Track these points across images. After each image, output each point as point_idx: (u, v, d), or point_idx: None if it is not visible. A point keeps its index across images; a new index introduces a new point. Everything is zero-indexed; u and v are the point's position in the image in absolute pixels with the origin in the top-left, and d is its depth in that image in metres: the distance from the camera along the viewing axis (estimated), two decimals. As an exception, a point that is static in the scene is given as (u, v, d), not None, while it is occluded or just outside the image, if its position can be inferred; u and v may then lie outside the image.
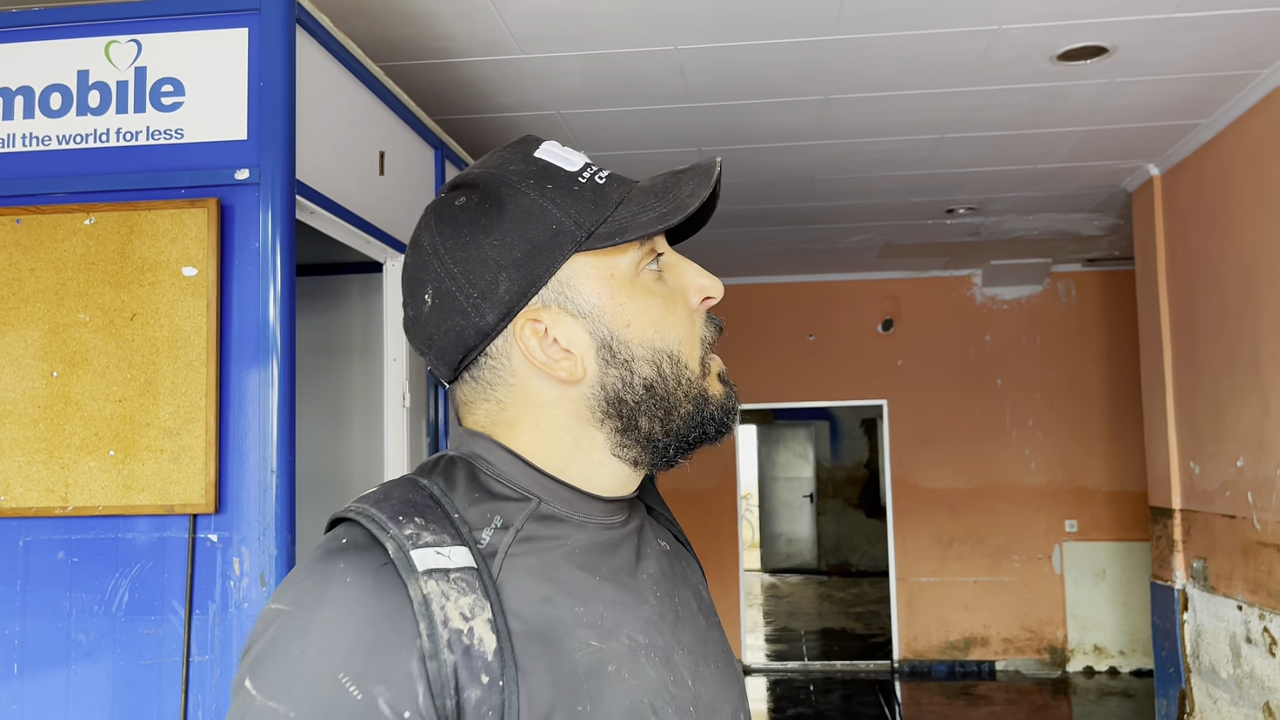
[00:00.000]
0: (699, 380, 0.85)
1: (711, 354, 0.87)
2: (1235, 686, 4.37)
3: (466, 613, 0.71)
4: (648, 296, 0.83)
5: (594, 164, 0.85)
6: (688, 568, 0.95)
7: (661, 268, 0.85)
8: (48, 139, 2.13)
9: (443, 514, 0.76)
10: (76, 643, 2.03)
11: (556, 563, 0.79)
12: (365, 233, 2.52)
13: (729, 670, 0.89)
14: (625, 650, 0.78)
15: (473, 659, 0.70)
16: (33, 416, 2.04)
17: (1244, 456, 4.27)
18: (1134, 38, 3.52)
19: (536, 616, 0.75)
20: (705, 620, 0.90)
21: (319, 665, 0.67)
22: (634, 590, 0.83)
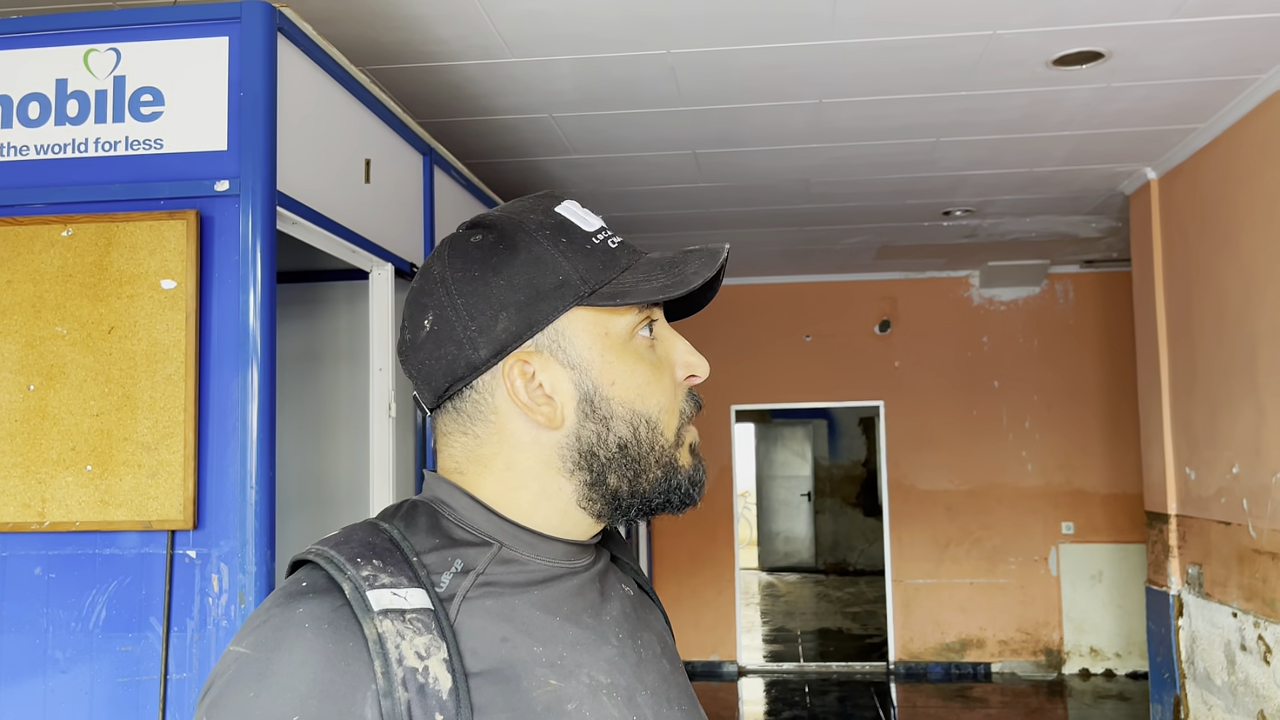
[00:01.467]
0: (671, 449, 0.86)
1: (688, 426, 0.89)
2: (1230, 694, 4.36)
3: (422, 652, 0.72)
4: (636, 361, 0.85)
5: (609, 229, 0.88)
6: (651, 614, 0.95)
7: (655, 338, 0.87)
8: (25, 149, 2.10)
9: (401, 557, 0.78)
10: (53, 659, 2.00)
11: (516, 605, 0.80)
12: (350, 242, 2.49)
13: (693, 714, 0.89)
14: (585, 689, 0.78)
15: (427, 697, 0.71)
16: (9, 430, 2.02)
17: (1240, 463, 4.24)
18: (1130, 43, 3.49)
19: (495, 656, 0.76)
20: (669, 664, 0.90)
21: (273, 709, 0.69)
22: (596, 631, 0.83)
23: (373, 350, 2.73)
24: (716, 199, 5.44)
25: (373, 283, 2.74)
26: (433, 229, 3.12)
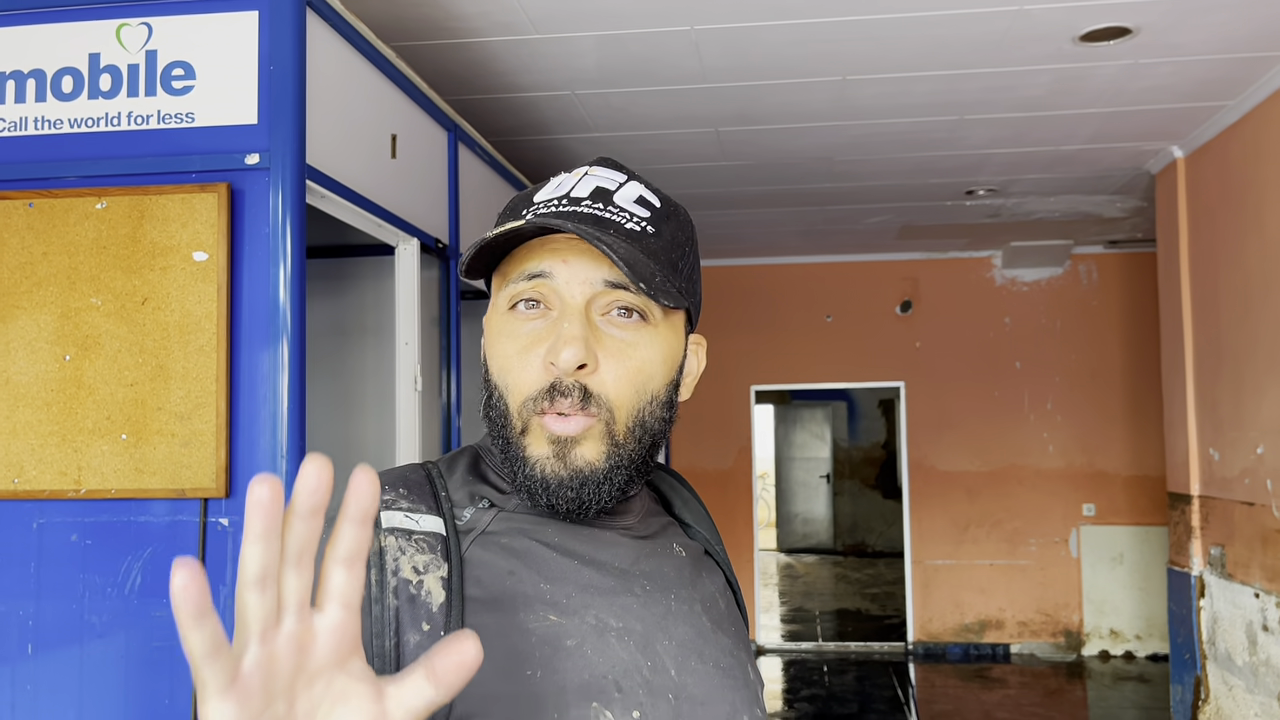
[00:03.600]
0: (517, 435, 0.83)
1: (547, 418, 0.82)
2: (1251, 674, 4.35)
3: (419, 568, 0.78)
4: (501, 334, 0.85)
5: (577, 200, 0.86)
6: (707, 577, 0.95)
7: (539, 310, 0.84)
8: (59, 122, 2.13)
9: (429, 490, 0.84)
10: (90, 624, 2.05)
11: (532, 545, 0.83)
12: (377, 217, 2.52)
13: (735, 675, 0.88)
14: (590, 629, 0.81)
15: (416, 607, 0.76)
16: (46, 400, 2.06)
17: (1264, 444, 4.22)
18: (1158, 18, 3.46)
19: (498, 587, 0.80)
20: (713, 624, 0.90)
21: None
22: (619, 578, 0.85)
23: (399, 324, 2.75)
24: (738, 178, 5.43)
25: (399, 258, 2.76)
26: (457, 205, 3.13)
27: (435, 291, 3.00)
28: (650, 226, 0.87)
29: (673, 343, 0.89)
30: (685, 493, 1.02)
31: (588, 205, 0.86)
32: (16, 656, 2.06)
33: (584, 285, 0.83)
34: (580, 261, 0.83)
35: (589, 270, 0.83)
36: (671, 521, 0.97)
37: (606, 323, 0.84)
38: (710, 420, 7.89)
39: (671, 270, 0.87)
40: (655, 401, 0.86)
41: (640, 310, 0.84)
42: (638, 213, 0.87)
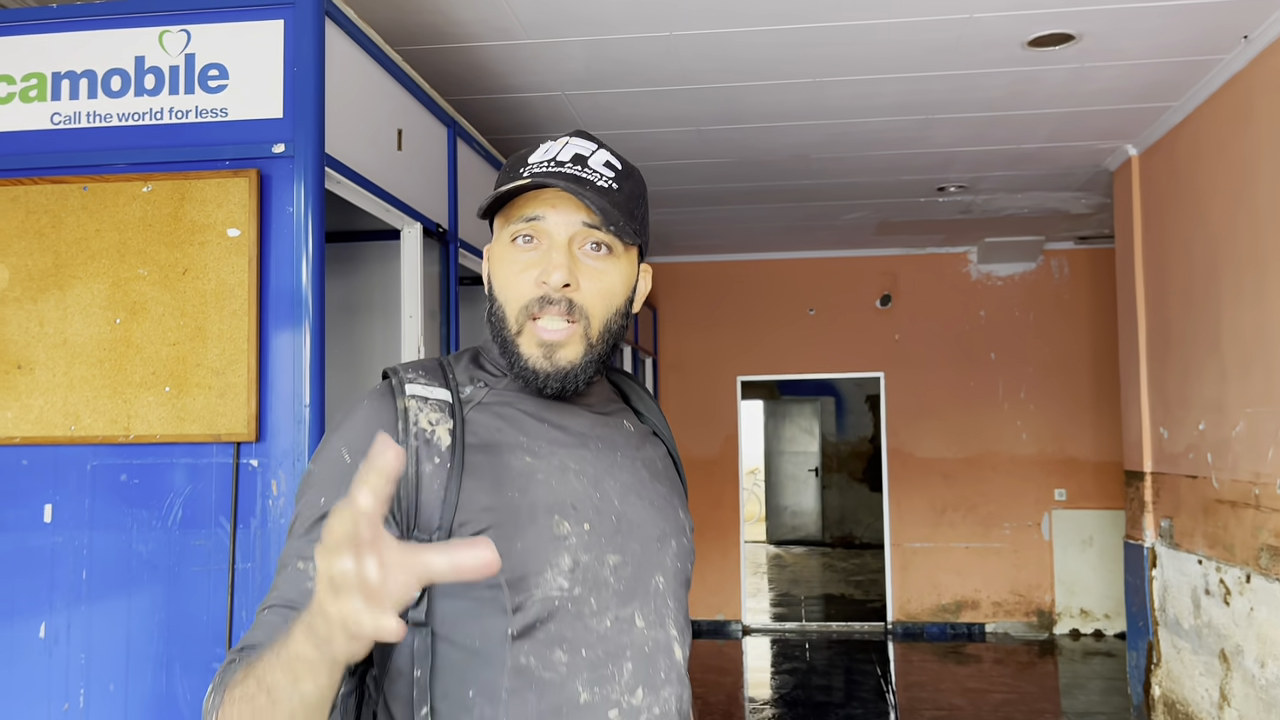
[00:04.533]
0: (514, 335, 1.16)
1: (536, 323, 1.14)
2: (1196, 636, 4.67)
3: (432, 421, 1.12)
4: (504, 262, 1.18)
5: (562, 163, 1.17)
6: (650, 447, 1.28)
7: (534, 242, 1.17)
8: (109, 116, 2.43)
9: (441, 373, 1.17)
10: (137, 553, 2.35)
11: (514, 412, 1.17)
12: (385, 202, 2.82)
13: (667, 513, 1.22)
14: (555, 468, 1.14)
15: (430, 447, 1.10)
16: (99, 358, 2.36)
17: (1205, 420, 4.54)
18: (1099, 25, 3.78)
19: (489, 437, 1.13)
20: (651, 476, 1.23)
21: (334, 442, 1.13)
22: (577, 437, 1.18)
23: (404, 300, 3.06)
24: (721, 175, 5.74)
25: (404, 240, 3.07)
26: (456, 194, 3.44)
27: (436, 272, 3.31)
28: (615, 184, 1.19)
29: (630, 270, 1.22)
30: (641, 391, 1.36)
31: (570, 167, 1.18)
32: (73, 581, 2.36)
33: (567, 226, 1.16)
34: (565, 208, 1.16)
35: (571, 215, 1.16)
36: (626, 409, 1.31)
37: (583, 254, 1.17)
38: (698, 410, 8.20)
39: (630, 216, 1.19)
40: (617, 313, 1.20)
41: (608, 245, 1.18)
42: (606, 173, 1.19)
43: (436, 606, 1.08)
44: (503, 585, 1.07)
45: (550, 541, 1.09)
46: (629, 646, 1.12)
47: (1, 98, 2.47)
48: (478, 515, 1.08)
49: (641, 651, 1.13)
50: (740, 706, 6.15)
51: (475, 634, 1.08)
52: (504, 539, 1.07)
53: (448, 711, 1.07)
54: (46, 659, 2.36)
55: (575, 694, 1.08)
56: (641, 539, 1.17)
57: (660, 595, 1.17)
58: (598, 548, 1.12)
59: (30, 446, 2.39)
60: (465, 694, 1.07)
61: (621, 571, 1.13)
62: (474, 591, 1.07)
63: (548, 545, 1.09)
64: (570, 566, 1.10)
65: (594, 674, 1.09)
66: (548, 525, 1.10)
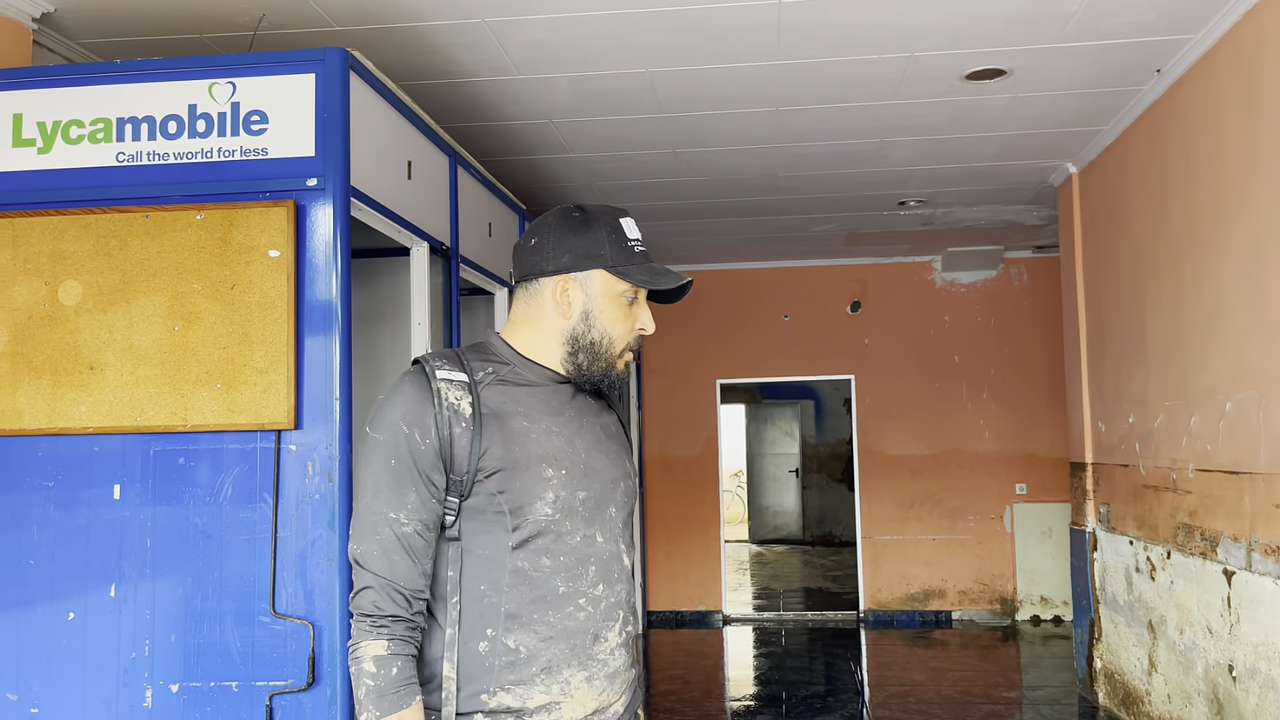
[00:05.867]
0: (615, 358, 1.66)
1: (628, 353, 1.67)
2: (1129, 610, 5.14)
3: (457, 396, 1.56)
4: (617, 308, 1.65)
5: (642, 242, 1.68)
6: (606, 415, 1.76)
7: (635, 303, 1.66)
8: (167, 155, 2.87)
9: (459, 360, 1.62)
10: (194, 524, 2.78)
11: (514, 390, 1.62)
12: (397, 224, 3.26)
13: (618, 462, 1.70)
14: (542, 430, 1.60)
15: (459, 416, 1.55)
16: (160, 359, 2.79)
17: (1134, 414, 5.02)
18: (1027, 61, 4.25)
19: (498, 406, 1.59)
20: (606, 437, 1.71)
21: (392, 416, 1.56)
22: (556, 408, 1.64)
23: (413, 310, 3.50)
24: (696, 191, 6.21)
25: (413, 257, 3.51)
26: (457, 216, 3.89)
27: (440, 284, 3.76)
28: None
29: None
30: None
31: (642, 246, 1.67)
32: (139, 549, 2.79)
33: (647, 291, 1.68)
34: None
35: None
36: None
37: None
38: (680, 412, 8.66)
39: None
40: None
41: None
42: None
43: (463, 526, 1.54)
44: (506, 512, 1.54)
45: (540, 482, 1.56)
46: (592, 556, 1.61)
47: (74, 139, 2.91)
48: (492, 463, 1.55)
49: (601, 559, 1.62)
50: (720, 686, 6.60)
51: (486, 544, 1.55)
52: (509, 480, 1.55)
53: (469, 599, 1.54)
54: (117, 615, 2.79)
55: (555, 587, 1.57)
56: (600, 481, 1.64)
57: (612, 520, 1.65)
58: (572, 486, 1.59)
59: (101, 436, 2.82)
60: (478, 587, 1.54)
61: (587, 503, 1.61)
62: (487, 515, 1.54)
63: (538, 484, 1.56)
64: (553, 500, 1.56)
65: (569, 574, 1.58)
66: (538, 470, 1.56)
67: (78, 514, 2.82)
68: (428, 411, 1.53)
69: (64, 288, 2.85)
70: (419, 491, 1.53)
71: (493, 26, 3.79)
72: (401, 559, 1.51)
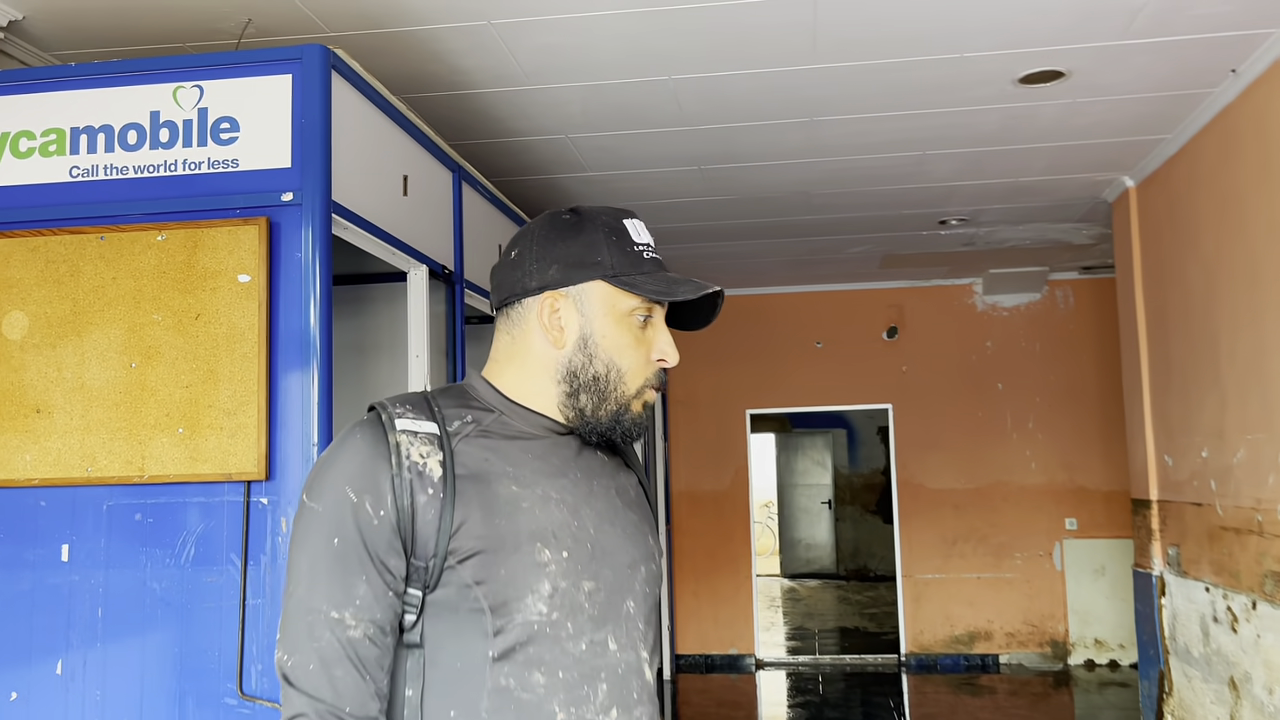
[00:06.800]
0: (629, 397, 1.27)
1: (648, 390, 1.28)
2: (1205, 664, 4.66)
3: (424, 454, 1.18)
4: (625, 331, 1.26)
5: (652, 248, 1.29)
6: (623, 476, 1.36)
7: (650, 325, 1.28)
8: (126, 169, 2.54)
9: (427, 407, 1.23)
10: (151, 590, 2.42)
11: (501, 444, 1.24)
12: (391, 245, 2.91)
13: (637, 539, 1.30)
14: (538, 497, 1.21)
15: (423, 479, 1.17)
16: (115, 401, 2.45)
17: (1208, 447, 4.57)
18: (1088, 62, 3.86)
19: (477, 467, 1.20)
20: (624, 505, 1.31)
21: (336, 480, 1.17)
22: (558, 468, 1.25)
23: (410, 339, 3.15)
24: (723, 212, 5.84)
25: (410, 282, 3.16)
26: (462, 237, 3.54)
27: (441, 311, 3.40)
28: None
29: None
30: None
31: (654, 252, 1.29)
32: (89, 619, 2.43)
33: (666, 308, 1.30)
34: None
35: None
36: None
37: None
38: (707, 443, 8.25)
39: None
40: None
41: None
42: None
43: (427, 628, 1.15)
44: (486, 609, 1.15)
45: (532, 568, 1.17)
46: (603, 669, 1.20)
47: (22, 152, 2.58)
48: (468, 542, 1.16)
49: (615, 673, 1.20)
50: (753, 741, 6.16)
51: (458, 654, 1.15)
52: (491, 565, 1.15)
53: None
54: (63, 695, 2.43)
55: (552, 714, 1.15)
56: (614, 565, 1.24)
57: (631, 619, 1.24)
58: (575, 574, 1.19)
59: (49, 488, 2.47)
60: (447, 714, 1.15)
61: (596, 597, 1.21)
62: (460, 613, 1.15)
63: (530, 571, 1.17)
64: (550, 592, 1.17)
65: (570, 695, 1.17)
66: (530, 552, 1.17)
67: (20, 578, 2.47)
68: (383, 473, 1.16)
69: (7, 320, 2.51)
70: (371, 582, 1.14)
71: (499, 30, 3.46)
72: (347, 675, 1.12)
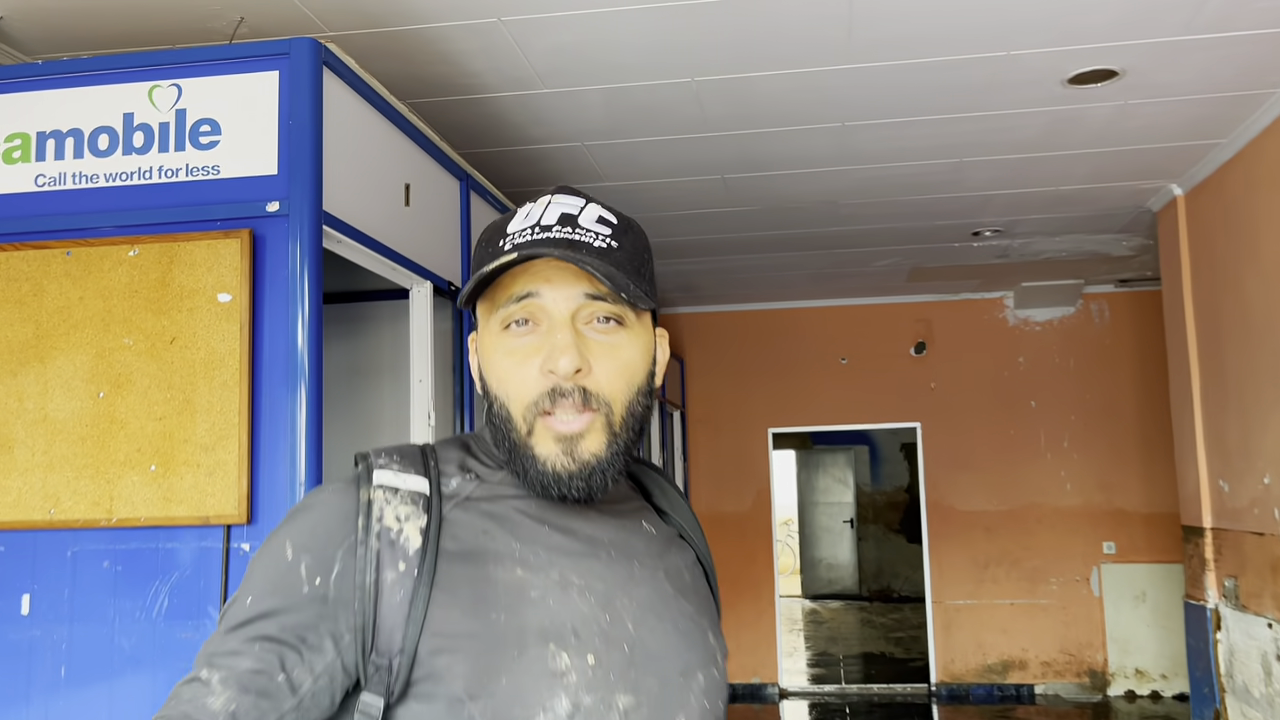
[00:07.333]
0: (524, 436, 0.96)
1: (548, 417, 0.94)
2: (1268, 705, 4.34)
3: (401, 517, 0.92)
4: (497, 351, 0.98)
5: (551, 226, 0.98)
6: (676, 553, 1.07)
7: (536, 329, 0.97)
8: (95, 177, 2.29)
9: (421, 459, 0.98)
10: (120, 648, 2.16)
11: (508, 511, 0.97)
12: (391, 260, 2.66)
13: (694, 637, 1.00)
14: (554, 583, 0.93)
15: (395, 550, 0.90)
16: (81, 434, 2.19)
17: (1270, 473, 4.26)
18: (1143, 60, 3.58)
19: (472, 543, 0.93)
20: (675, 591, 1.01)
21: (279, 536, 0.94)
22: (586, 544, 0.97)
23: (413, 363, 2.89)
24: (746, 223, 5.57)
25: (413, 300, 2.90)
26: (468, 250, 3.28)
27: (448, 331, 3.14)
28: (614, 241, 0.99)
29: (646, 339, 1.02)
30: (665, 484, 1.14)
31: (558, 230, 0.99)
32: (50, 680, 2.18)
33: (567, 300, 0.96)
34: (562, 280, 0.96)
35: (570, 287, 0.96)
36: (646, 506, 1.10)
37: (591, 330, 0.97)
38: (729, 463, 7.97)
39: (638, 276, 1.00)
40: (640, 393, 1.00)
41: (617, 316, 0.98)
42: (601, 231, 0.99)
43: None
44: None
45: (543, 678, 0.89)
46: None
47: (-16, 160, 2.34)
48: (450, 640, 0.88)
49: None
50: (779, 779, 5.85)
51: None
52: (484, 673, 0.87)
53: None
54: (22, 764, 2.17)
55: None
56: (661, 674, 0.95)
57: None
58: (605, 686, 0.91)
59: (7, 532, 2.22)
60: None
61: (635, 716, 0.92)
62: None
63: (540, 683, 0.88)
64: (569, 711, 0.88)
65: None
66: (541, 657, 0.89)
67: (-25, 633, 2.21)
68: (338, 534, 0.91)
69: (-37, 344, 2.26)
70: (262, 658, 0.86)
71: (510, 28, 3.21)
72: None
